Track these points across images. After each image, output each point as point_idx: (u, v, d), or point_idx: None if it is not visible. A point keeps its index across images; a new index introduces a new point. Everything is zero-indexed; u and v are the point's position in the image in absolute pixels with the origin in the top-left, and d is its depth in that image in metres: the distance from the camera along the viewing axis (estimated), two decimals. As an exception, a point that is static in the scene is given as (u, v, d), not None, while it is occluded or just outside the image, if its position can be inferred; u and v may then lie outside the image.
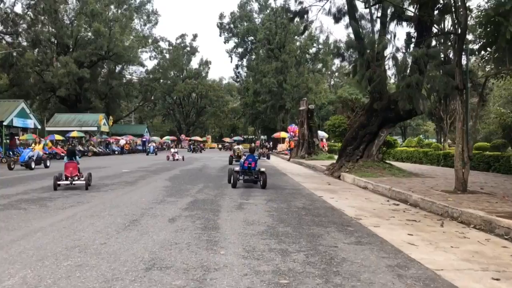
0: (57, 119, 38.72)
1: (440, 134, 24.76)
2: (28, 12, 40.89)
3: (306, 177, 15.67)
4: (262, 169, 11.79)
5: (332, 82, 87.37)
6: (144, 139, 42.57)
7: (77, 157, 11.11)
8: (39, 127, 29.92)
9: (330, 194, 10.48)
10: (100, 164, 21.94)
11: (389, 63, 16.70)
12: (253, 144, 20.73)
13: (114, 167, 18.77)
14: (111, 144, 41.78)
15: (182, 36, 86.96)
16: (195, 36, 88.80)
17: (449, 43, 14.38)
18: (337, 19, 17.59)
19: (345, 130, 17.75)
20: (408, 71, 15.60)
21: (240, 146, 29.02)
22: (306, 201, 9.02)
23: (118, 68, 56.55)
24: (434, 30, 15.10)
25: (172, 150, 21.54)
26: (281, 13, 49.62)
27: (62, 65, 39.51)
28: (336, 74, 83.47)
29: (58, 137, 34.55)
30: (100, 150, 37.45)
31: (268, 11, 56.45)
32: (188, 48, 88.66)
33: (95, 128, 37.90)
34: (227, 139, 77.53)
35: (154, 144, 38.10)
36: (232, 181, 11.30)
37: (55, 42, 46.38)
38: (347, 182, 14.57)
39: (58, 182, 9.88)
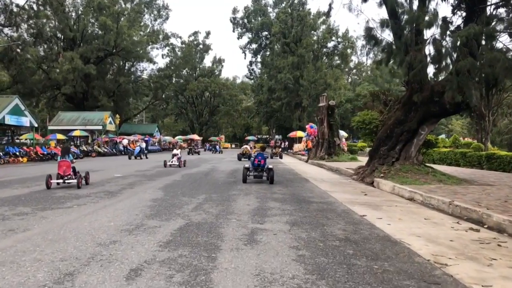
0: (60, 118, 36.73)
1: (480, 132, 21.73)
2: (32, 5, 38.98)
3: (333, 184, 12.95)
4: (270, 166, 12.84)
5: (350, 80, 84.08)
6: (146, 139, 39.96)
7: (71, 155, 10.81)
8: (36, 125, 27.81)
9: (373, 211, 7.78)
10: (97, 166, 19.59)
11: (429, 48, 13.94)
12: (262, 143, 25.45)
13: (108, 171, 16.35)
14: (118, 144, 39.63)
15: (195, 33, 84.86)
16: (208, 33, 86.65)
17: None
18: (368, -5, 14.77)
19: (376, 127, 14.99)
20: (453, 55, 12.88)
21: (248, 146, 32.42)
22: (346, 224, 6.33)
23: (127, 65, 54.58)
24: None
25: (175, 151, 18.97)
26: (298, 5, 46.91)
27: (67, 61, 37.46)
28: (354, 71, 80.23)
29: (60, 136, 32.50)
30: (106, 150, 35.30)
31: (283, 4, 53.64)
32: (201, 46, 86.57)
33: (100, 127, 35.74)
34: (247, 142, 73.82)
35: (143, 144, 33.53)
36: (242, 178, 12.42)
37: (61, 37, 44.52)
38: (384, 191, 11.82)
39: (51, 181, 9.77)
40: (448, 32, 12.69)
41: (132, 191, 9.57)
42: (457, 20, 14.54)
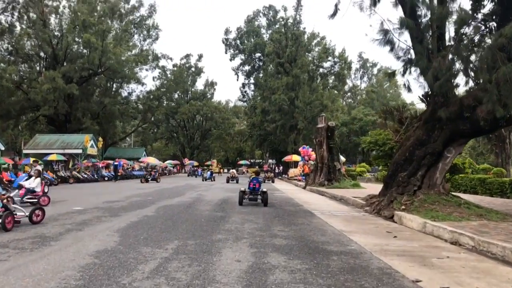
0: (37, 141, 33.88)
1: (501, 156, 19.42)
2: (7, 18, 36.70)
3: (346, 220, 10.37)
4: (264, 189, 13.39)
5: (344, 103, 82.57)
6: (116, 163, 36.67)
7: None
8: (3, 148, 25.02)
9: (425, 269, 5.22)
10: (64, 195, 16.84)
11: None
12: (257, 169, 26.47)
13: (72, 201, 13.61)
14: (100, 169, 36.76)
15: (187, 56, 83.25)
16: (200, 56, 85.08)
17: None
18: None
19: (391, 149, 12.57)
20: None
21: (234, 170, 38.51)
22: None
23: (115, 87, 52.19)
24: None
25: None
26: (292, 25, 45.33)
27: (48, 80, 34.94)
28: (349, 94, 78.72)
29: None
30: (85, 176, 32.38)
31: (277, 25, 52.14)
32: (193, 69, 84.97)
33: (80, 151, 32.93)
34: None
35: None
36: (239, 199, 13.02)
37: (44, 56, 42.19)
38: (412, 229, 9.29)
39: None
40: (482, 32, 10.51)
41: (75, 236, 6.88)
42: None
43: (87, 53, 39.56)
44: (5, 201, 7.85)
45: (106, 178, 35.96)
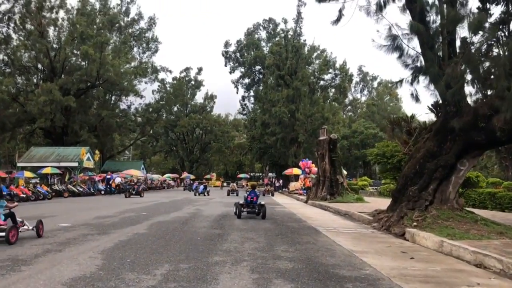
0: (32, 154, 33.11)
1: (511, 169, 18.66)
2: (2, 29, 36.27)
3: (354, 238, 9.57)
4: (262, 202, 13.48)
5: (344, 116, 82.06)
6: (109, 177, 35.79)
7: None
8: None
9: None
10: (56, 210, 16.04)
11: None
12: (254, 182, 27.72)
13: (61, 217, 12.81)
14: (97, 182, 35.90)
15: (187, 69, 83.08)
16: (200, 69, 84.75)
17: None
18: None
19: (400, 162, 11.84)
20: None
21: (234, 184, 40.89)
22: None
23: (114, 99, 51.66)
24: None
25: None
26: (293, 38, 44.95)
27: (44, 92, 34.35)
28: (349, 107, 78.24)
29: (28, 174, 28.83)
30: (81, 189, 31.50)
31: (277, 38, 51.86)
32: (193, 82, 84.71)
33: (76, 164, 32.14)
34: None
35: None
36: (237, 213, 13.14)
37: (41, 68, 41.70)
38: (427, 248, 8.49)
39: None
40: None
41: (52, 258, 6.07)
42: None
43: (85, 65, 39.05)
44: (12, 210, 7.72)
45: (102, 192, 35.11)
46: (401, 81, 13.52)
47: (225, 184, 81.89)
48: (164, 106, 60.80)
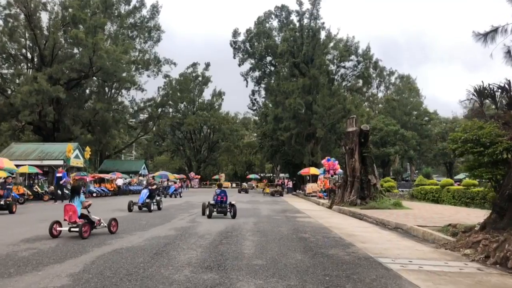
0: (12, 150, 28.89)
1: None
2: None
3: (450, 282, 4.90)
4: (233, 202, 13.49)
5: (368, 109, 76.77)
6: (59, 175, 25.49)
7: (79, 197, 8.73)
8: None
9: None
10: (11, 221, 11.65)
11: None
12: (219, 182, 25.96)
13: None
14: (88, 184, 31.57)
15: (194, 65, 78.85)
16: (207, 65, 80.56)
17: None
18: None
19: (508, 151, 7.21)
20: None
21: (246, 184, 44.75)
22: None
23: (113, 92, 47.35)
24: None
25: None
26: (309, 21, 40.12)
27: (28, 81, 30.17)
28: (366, 103, 73.07)
29: (1, 173, 24.54)
30: (66, 192, 27.12)
31: (290, 26, 47.07)
32: (200, 78, 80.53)
33: (61, 162, 27.84)
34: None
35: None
36: (208, 213, 13.02)
37: (30, 57, 37.63)
38: None
39: (59, 229, 8.42)
40: None
41: None
42: None
43: (77, 52, 34.85)
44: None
45: (94, 194, 30.72)
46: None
47: (233, 185, 77.78)
48: (168, 102, 56.34)
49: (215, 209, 13.04)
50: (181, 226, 10.67)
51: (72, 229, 8.39)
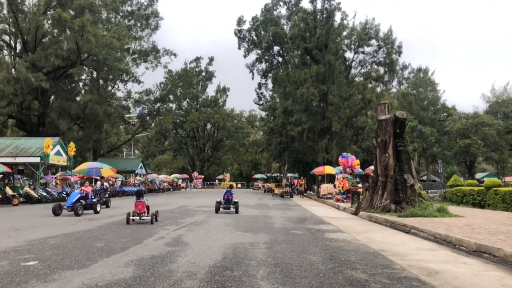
0: (-17, 146, 25.16)
1: None
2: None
3: None
4: (236, 200, 16.16)
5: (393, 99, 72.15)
6: (19, 177, 24.50)
7: (145, 197, 12.08)
8: None
9: None
10: None
11: None
12: (230, 182, 28.83)
13: None
14: (73, 184, 27.72)
15: (197, 59, 75.12)
16: (211, 59, 76.83)
17: None
18: None
19: None
20: None
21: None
22: None
23: (108, 85, 43.46)
24: None
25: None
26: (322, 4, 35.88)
27: (3, 68, 26.34)
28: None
29: None
30: (44, 194, 23.28)
31: (301, 8, 42.80)
32: (204, 73, 76.80)
33: (38, 159, 23.99)
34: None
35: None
36: (216, 209, 15.76)
37: (12, 43, 33.84)
38: None
39: (132, 218, 11.30)
40: None
41: None
42: None
43: (60, 35, 30.99)
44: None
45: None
46: None
47: (239, 185, 73.90)
48: (168, 96, 52.34)
49: (221, 206, 15.90)
50: (150, 255, 6.60)
51: (142, 218, 11.42)
